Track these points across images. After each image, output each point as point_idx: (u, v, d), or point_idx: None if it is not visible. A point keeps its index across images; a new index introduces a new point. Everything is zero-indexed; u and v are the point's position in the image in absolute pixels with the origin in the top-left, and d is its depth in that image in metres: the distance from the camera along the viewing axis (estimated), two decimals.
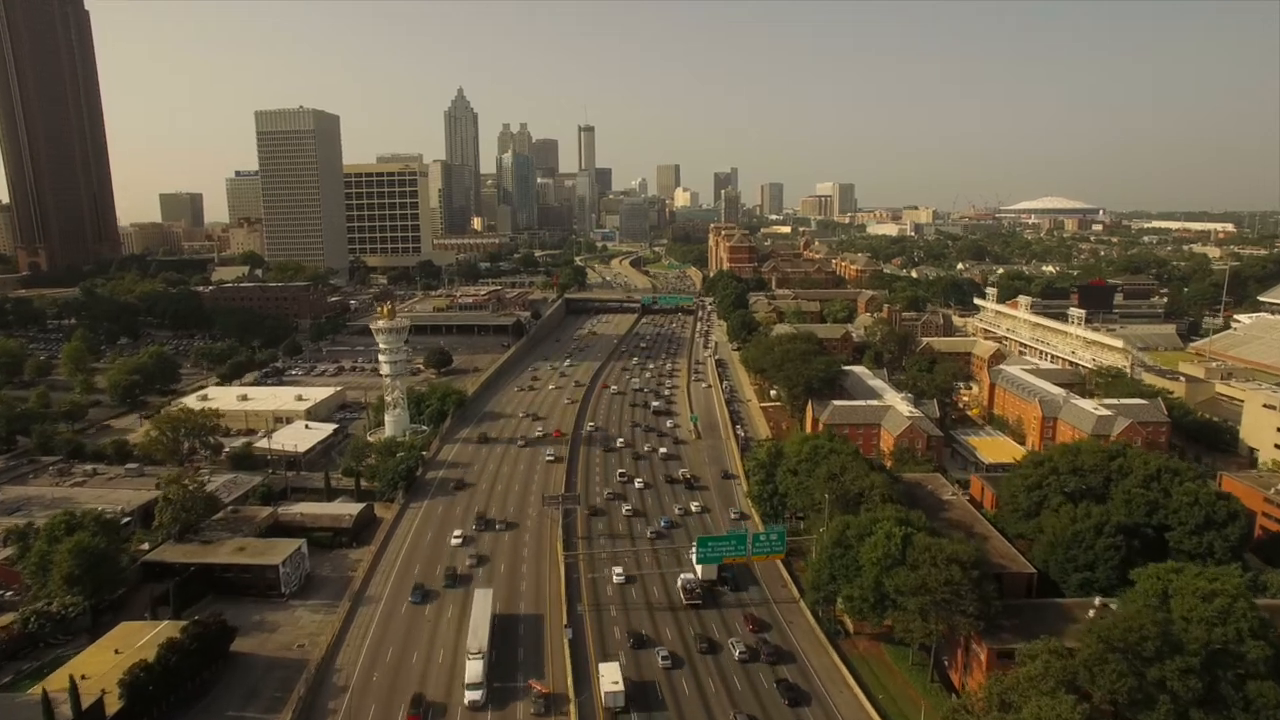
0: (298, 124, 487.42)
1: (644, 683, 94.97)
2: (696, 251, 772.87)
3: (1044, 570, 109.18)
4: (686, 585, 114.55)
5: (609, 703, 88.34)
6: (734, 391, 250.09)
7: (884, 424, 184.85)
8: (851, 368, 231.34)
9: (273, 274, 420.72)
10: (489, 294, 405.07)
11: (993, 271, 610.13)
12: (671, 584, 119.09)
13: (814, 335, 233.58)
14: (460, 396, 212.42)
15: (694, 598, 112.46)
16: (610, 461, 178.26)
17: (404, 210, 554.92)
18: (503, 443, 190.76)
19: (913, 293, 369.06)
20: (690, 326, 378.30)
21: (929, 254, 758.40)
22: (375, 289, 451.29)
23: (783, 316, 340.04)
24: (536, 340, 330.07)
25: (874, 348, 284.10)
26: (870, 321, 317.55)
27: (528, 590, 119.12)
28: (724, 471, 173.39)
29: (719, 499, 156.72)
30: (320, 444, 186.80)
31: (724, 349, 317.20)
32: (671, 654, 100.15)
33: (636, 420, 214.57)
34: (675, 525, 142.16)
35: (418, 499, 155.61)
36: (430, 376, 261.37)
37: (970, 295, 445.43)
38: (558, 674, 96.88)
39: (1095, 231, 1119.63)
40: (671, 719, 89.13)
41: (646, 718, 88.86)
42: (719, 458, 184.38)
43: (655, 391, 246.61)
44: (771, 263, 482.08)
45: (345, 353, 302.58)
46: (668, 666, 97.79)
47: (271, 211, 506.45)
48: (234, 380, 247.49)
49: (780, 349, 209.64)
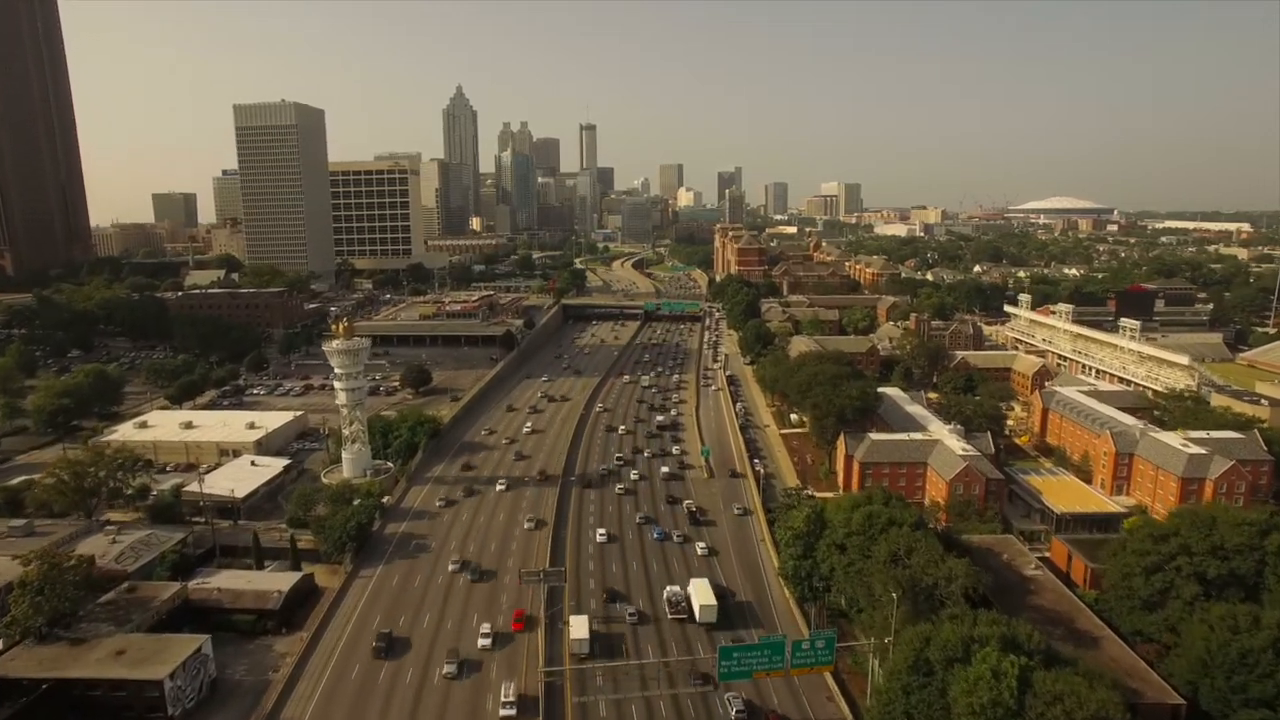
0: (279, 118, 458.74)
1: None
2: (701, 253, 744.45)
3: (1192, 697, 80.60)
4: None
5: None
6: (749, 415, 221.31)
7: (932, 463, 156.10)
8: (885, 389, 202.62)
9: (248, 278, 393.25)
10: (480, 300, 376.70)
11: (1012, 274, 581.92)
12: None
13: (843, 354, 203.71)
14: (434, 425, 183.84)
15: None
16: (607, 511, 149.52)
17: (394, 211, 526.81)
18: (482, 483, 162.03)
19: (939, 299, 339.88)
20: (697, 335, 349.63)
21: (943, 256, 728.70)
22: (360, 294, 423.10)
23: (799, 326, 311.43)
24: (529, 353, 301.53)
25: (904, 363, 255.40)
26: (898, 334, 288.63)
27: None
28: (748, 539, 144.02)
29: (741, 570, 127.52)
30: (266, 485, 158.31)
31: (735, 362, 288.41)
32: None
33: (639, 447, 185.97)
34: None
35: (371, 563, 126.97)
36: (407, 397, 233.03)
37: (994, 300, 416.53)
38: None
39: (1110, 232, 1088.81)
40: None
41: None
42: (737, 501, 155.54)
43: (659, 412, 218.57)
44: (782, 266, 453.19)
45: (317, 367, 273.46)
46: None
47: (252, 212, 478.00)
48: (185, 402, 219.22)
49: (806, 371, 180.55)
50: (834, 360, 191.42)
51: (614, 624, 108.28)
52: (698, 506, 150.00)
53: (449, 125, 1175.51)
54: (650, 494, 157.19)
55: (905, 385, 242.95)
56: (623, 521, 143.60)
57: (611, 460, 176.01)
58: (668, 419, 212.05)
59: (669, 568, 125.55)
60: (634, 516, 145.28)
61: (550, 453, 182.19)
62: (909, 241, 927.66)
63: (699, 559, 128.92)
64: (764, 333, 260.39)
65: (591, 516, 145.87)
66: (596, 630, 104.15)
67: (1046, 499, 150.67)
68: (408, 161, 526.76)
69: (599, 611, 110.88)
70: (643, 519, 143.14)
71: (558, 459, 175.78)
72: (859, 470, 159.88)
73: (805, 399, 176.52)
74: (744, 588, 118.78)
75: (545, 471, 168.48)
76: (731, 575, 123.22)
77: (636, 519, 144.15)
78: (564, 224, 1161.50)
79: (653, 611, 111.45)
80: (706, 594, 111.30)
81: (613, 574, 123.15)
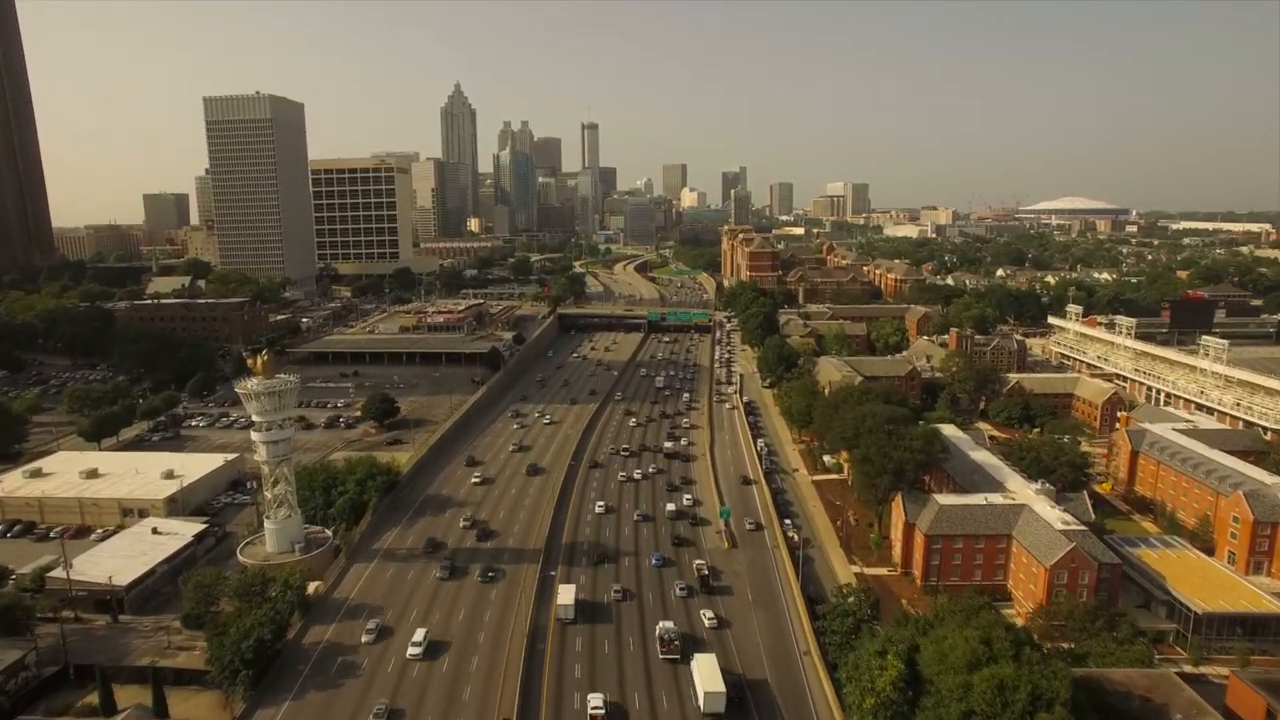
0: (252, 112, 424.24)
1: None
2: (708, 255, 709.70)
3: None
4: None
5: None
6: (773, 454, 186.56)
7: (1019, 537, 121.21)
8: (943, 427, 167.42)
9: (214, 286, 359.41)
10: (467, 310, 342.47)
11: (1039, 279, 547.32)
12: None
13: (895, 390, 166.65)
14: (391, 477, 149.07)
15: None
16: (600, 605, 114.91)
17: (380, 212, 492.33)
18: (441, 560, 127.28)
19: (979, 311, 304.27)
20: (707, 349, 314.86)
21: (962, 259, 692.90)
22: (338, 302, 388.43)
23: (821, 341, 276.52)
24: (517, 373, 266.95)
25: (950, 388, 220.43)
26: (934, 350, 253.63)
27: None
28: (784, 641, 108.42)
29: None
30: (167, 564, 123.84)
31: (752, 383, 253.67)
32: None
33: (640, 507, 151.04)
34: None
35: (273, 698, 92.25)
36: (370, 431, 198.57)
37: (1028, 309, 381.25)
38: None
39: (1130, 233, 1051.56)
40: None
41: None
42: (767, 585, 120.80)
43: (667, 453, 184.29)
44: (797, 271, 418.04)
45: None
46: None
47: (225, 213, 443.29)
48: (105, 438, 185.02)
49: (851, 412, 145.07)
50: (886, 399, 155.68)
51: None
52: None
53: (447, 124, 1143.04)
54: (660, 594, 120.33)
55: (952, 414, 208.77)
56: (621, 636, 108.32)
57: (610, 530, 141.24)
58: (678, 463, 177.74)
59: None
60: (635, 621, 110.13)
61: (533, 517, 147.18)
62: (923, 244, 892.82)
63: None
64: (787, 353, 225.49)
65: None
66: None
67: (1174, 587, 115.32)
68: (395, 160, 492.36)
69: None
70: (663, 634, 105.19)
71: (540, 529, 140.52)
72: (923, 544, 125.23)
73: (850, 446, 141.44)
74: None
75: (520, 546, 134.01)
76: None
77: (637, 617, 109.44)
78: (565, 225, 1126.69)
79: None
80: (714, 677, 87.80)
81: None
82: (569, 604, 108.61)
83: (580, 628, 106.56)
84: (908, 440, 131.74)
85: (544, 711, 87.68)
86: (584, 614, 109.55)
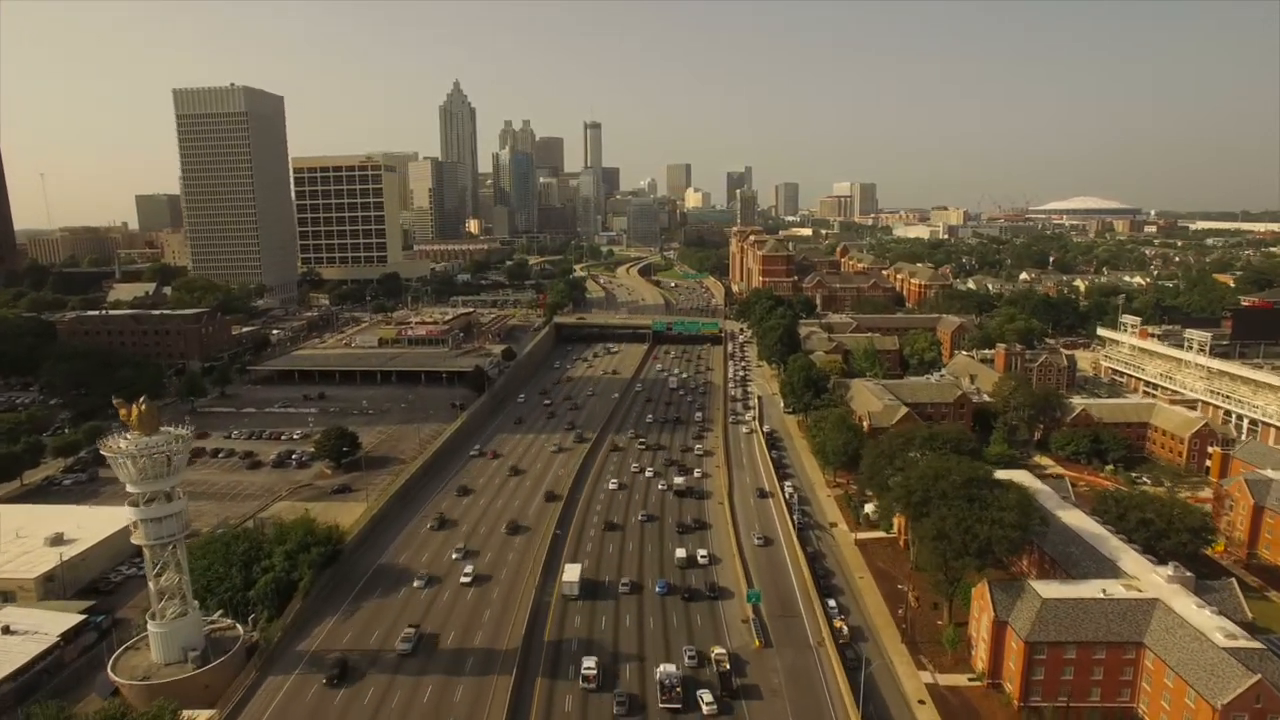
0: (225, 105, 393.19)
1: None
2: (714, 258, 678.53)
3: None
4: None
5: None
6: (804, 501, 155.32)
7: (1154, 646, 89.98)
8: (1011, 471, 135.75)
9: (179, 294, 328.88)
10: (454, 320, 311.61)
11: (1066, 283, 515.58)
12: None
13: (963, 436, 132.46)
14: (331, 547, 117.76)
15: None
16: None
17: (367, 213, 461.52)
18: (386, 672, 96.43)
19: (1024, 323, 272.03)
20: (718, 364, 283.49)
21: (981, 261, 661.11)
22: (316, 311, 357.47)
23: (849, 358, 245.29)
24: (506, 393, 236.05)
25: (1005, 416, 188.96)
26: (984, 372, 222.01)
27: None
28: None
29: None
30: (12, 681, 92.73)
31: (771, 406, 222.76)
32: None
33: (647, 578, 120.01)
34: None
35: None
36: (325, 472, 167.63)
37: (1065, 317, 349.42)
38: None
39: (1150, 234, 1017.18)
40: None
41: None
42: (814, 709, 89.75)
43: (676, 495, 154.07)
44: (814, 277, 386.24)
45: (228, 419, 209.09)
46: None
47: (196, 214, 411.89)
48: (3, 481, 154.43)
49: (919, 473, 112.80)
50: (950, 440, 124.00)
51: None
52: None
53: (446, 123, 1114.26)
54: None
55: (1010, 446, 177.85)
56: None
57: (598, 622, 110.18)
58: (690, 501, 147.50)
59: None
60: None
61: (507, 608, 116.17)
62: (936, 245, 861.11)
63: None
64: (815, 377, 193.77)
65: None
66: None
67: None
68: (384, 158, 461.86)
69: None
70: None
71: (515, 630, 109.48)
72: (1022, 653, 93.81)
73: (918, 514, 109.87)
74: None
75: (489, 646, 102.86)
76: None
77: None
78: (566, 226, 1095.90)
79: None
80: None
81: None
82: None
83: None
84: (995, 510, 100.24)
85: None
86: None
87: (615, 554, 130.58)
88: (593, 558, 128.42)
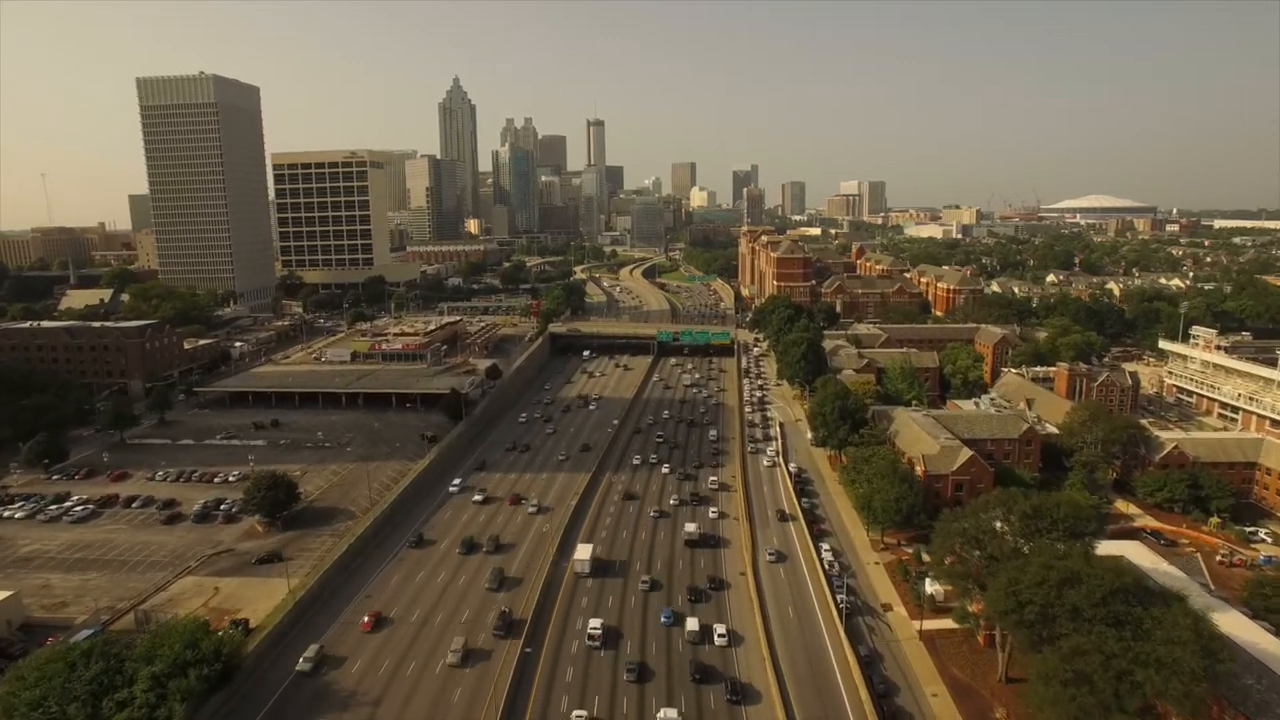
0: (193, 95, 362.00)
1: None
2: (721, 259, 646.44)
3: None
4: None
5: None
6: (847, 569, 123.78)
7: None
8: (1120, 543, 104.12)
9: (133, 301, 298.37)
10: (437, 331, 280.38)
11: (1098, 285, 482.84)
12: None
13: (1083, 513, 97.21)
14: (221, 665, 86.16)
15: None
16: None
17: (351, 212, 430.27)
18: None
19: (1081, 336, 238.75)
20: (731, 381, 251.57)
21: (1003, 262, 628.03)
22: (288, 320, 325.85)
23: (882, 377, 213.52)
24: (489, 419, 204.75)
25: (1080, 454, 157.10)
26: (1044, 396, 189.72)
27: None
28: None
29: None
30: None
31: (795, 435, 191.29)
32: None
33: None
34: None
35: None
36: (256, 530, 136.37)
37: (1109, 325, 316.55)
38: None
39: (1172, 233, 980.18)
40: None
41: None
42: None
43: (688, 545, 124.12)
44: (834, 281, 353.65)
45: (159, 454, 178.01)
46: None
47: (164, 214, 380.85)
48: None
49: (1036, 582, 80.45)
50: (1066, 522, 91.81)
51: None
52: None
53: (445, 120, 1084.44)
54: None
55: (1087, 491, 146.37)
56: None
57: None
58: (704, 553, 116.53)
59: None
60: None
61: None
62: (952, 245, 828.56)
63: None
64: (851, 407, 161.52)
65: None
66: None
67: None
68: (370, 154, 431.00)
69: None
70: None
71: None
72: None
73: (1038, 637, 77.82)
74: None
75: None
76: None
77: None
78: (569, 226, 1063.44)
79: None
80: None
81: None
82: None
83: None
84: (1161, 644, 68.38)
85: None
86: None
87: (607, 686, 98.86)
88: (575, 692, 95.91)
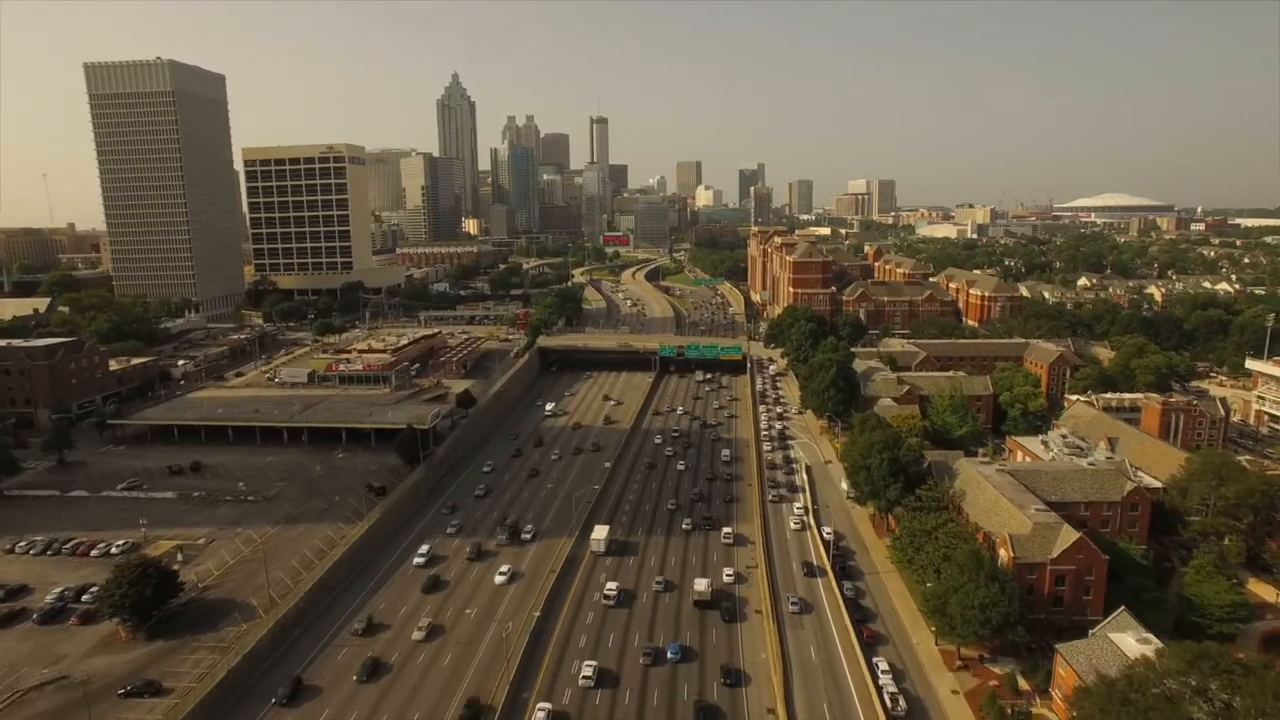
0: (148, 83, 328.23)
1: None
2: (729, 261, 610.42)
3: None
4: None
5: None
6: (912, 697, 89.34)
7: None
8: None
9: (67, 313, 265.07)
10: (411, 345, 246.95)
11: (1136, 289, 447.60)
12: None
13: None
14: None
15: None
16: None
17: (329, 212, 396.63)
18: None
19: (1163, 357, 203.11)
20: (745, 408, 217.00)
21: (1028, 264, 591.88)
22: (248, 332, 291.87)
23: (926, 405, 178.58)
24: (455, 461, 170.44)
25: (1202, 521, 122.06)
26: (1130, 437, 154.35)
27: None
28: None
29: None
30: None
31: (826, 485, 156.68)
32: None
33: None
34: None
35: None
36: (119, 637, 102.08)
37: (1166, 337, 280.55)
38: None
39: (1198, 233, 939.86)
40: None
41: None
42: None
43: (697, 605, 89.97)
44: (857, 288, 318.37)
45: (40, 511, 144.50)
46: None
47: (116, 214, 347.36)
48: None
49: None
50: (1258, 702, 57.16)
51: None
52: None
53: (443, 117, 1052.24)
54: None
55: (1215, 572, 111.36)
56: None
57: None
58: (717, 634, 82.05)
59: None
60: None
61: None
62: (968, 245, 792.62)
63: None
64: (904, 460, 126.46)
65: None
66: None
67: None
68: (349, 149, 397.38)
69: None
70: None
71: None
72: None
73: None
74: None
75: None
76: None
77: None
78: (570, 226, 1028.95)
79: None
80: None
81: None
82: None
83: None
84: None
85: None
86: None
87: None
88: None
